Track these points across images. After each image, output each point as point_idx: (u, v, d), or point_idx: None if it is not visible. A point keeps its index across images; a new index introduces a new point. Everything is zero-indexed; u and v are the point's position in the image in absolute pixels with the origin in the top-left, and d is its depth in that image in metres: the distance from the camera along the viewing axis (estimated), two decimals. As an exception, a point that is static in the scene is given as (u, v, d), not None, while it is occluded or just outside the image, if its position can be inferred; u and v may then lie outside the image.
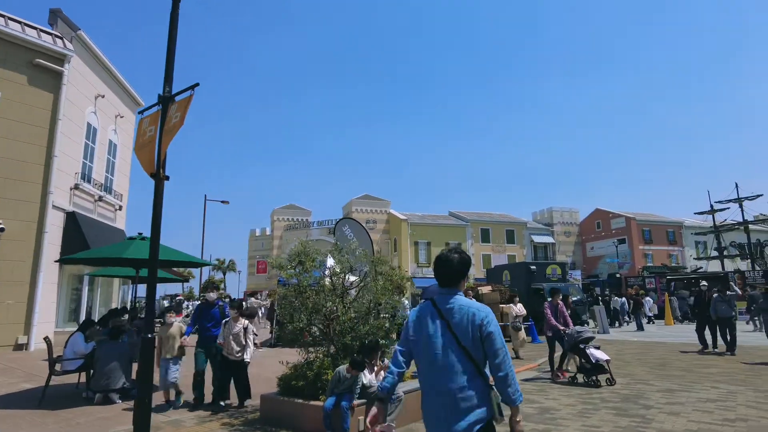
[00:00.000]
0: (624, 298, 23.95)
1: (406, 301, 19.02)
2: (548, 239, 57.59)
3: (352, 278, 7.11)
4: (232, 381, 7.11)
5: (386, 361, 6.21)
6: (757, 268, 35.22)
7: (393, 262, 55.35)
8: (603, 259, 54.16)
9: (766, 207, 36.94)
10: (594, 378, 8.54)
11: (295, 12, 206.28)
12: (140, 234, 8.71)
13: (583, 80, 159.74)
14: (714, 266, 43.56)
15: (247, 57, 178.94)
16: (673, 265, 48.26)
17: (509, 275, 21.88)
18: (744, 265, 41.22)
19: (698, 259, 46.75)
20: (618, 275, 39.04)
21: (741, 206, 36.56)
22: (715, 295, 12.75)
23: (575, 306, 18.28)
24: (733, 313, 12.42)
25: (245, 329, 6.94)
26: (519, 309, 13.41)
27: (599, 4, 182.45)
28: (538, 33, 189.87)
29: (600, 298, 23.00)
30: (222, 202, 37.69)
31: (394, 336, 7.54)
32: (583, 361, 8.72)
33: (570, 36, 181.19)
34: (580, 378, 8.89)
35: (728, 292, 12.78)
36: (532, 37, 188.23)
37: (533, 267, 20.34)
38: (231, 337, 6.86)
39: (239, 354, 6.91)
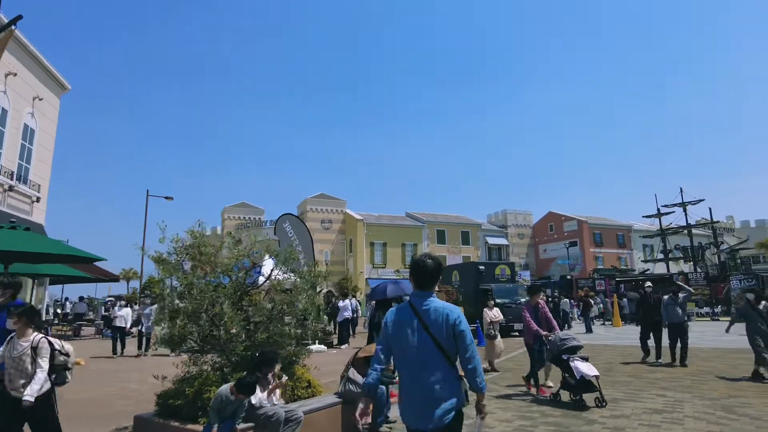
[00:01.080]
0: (569, 300, 23.75)
1: (353, 301, 17.86)
2: (502, 241, 57.96)
3: (262, 278, 6.09)
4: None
5: (285, 378, 5.16)
6: (699, 270, 36.30)
7: (348, 263, 54.29)
8: (555, 261, 54.93)
9: (709, 211, 38.05)
10: (579, 397, 6.88)
11: (262, 12, 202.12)
12: (12, 222, 7.31)
13: (538, 86, 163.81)
14: (660, 269, 44.79)
15: (205, 53, 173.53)
16: (622, 267, 49.38)
17: (458, 275, 21.26)
18: (687, 267, 42.54)
19: (645, 261, 47.99)
20: (569, 277, 39.38)
21: (685, 210, 37.62)
22: (665, 297, 11.30)
23: (518, 306, 17.82)
24: (686, 318, 11.11)
25: (34, 349, 4.04)
26: (495, 314, 11.39)
27: (556, 19, 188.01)
28: (495, 40, 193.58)
29: (549, 299, 22.68)
30: (166, 198, 35.66)
31: (312, 345, 6.59)
32: (566, 375, 7.09)
33: (521, 46, 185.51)
34: (565, 396, 7.27)
35: (680, 294, 11.08)
36: (490, 44, 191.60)
37: (482, 267, 19.75)
38: (10, 361, 4.02)
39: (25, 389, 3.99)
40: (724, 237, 51.86)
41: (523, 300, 18.32)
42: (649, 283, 11.95)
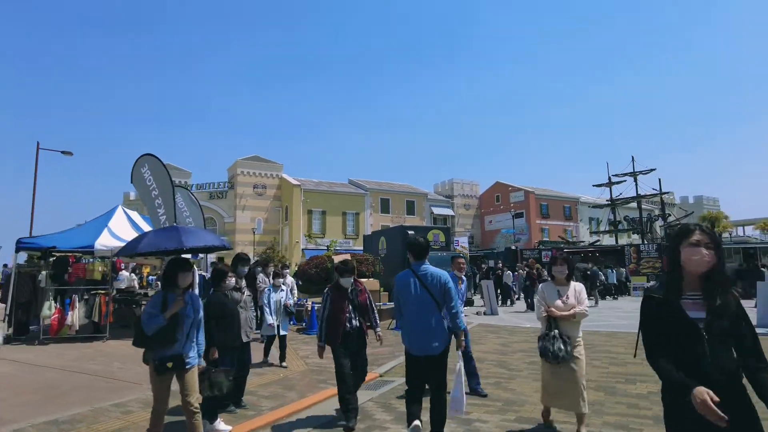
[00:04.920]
0: (513, 273, 20.66)
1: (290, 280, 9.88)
2: (448, 211, 55.43)
3: None
4: None
5: None
6: (645, 242, 34.81)
7: (284, 232, 50.01)
8: (500, 232, 52.98)
9: (661, 182, 36.31)
10: None
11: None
12: None
13: (492, 61, 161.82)
14: (607, 241, 43.42)
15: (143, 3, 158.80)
16: (569, 239, 47.86)
17: (385, 242, 17.82)
18: (634, 239, 41.27)
19: (595, 233, 46.63)
20: (514, 248, 37.07)
21: (635, 180, 35.82)
22: None
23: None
24: None
25: None
26: (567, 301, 4.53)
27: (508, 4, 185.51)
28: (443, 14, 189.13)
29: (492, 271, 19.68)
30: (63, 152, 29.94)
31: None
32: None
33: (471, 21, 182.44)
34: None
35: None
36: (438, 17, 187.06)
37: (411, 232, 16.28)
38: None
39: None
40: (666, 210, 51.40)
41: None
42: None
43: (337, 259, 12.50)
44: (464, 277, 6.39)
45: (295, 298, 10.32)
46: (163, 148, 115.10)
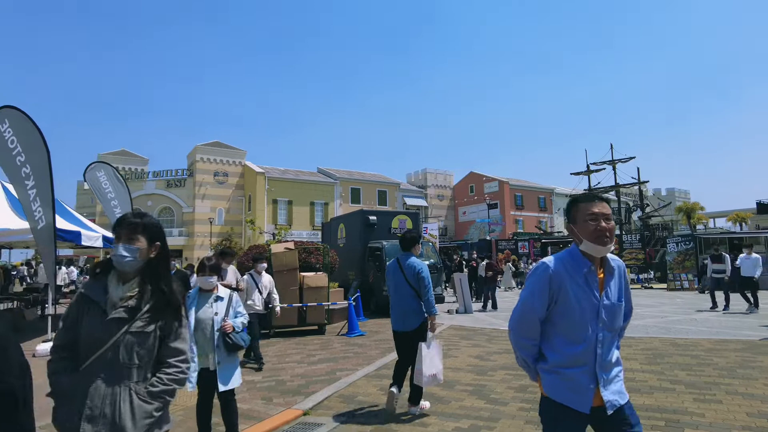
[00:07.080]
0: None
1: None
2: (421, 202, 53.48)
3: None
4: None
5: None
6: (625, 233, 33.50)
7: (246, 223, 47.13)
8: (474, 222, 51.34)
9: (637, 171, 34.98)
10: None
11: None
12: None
13: (473, 54, 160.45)
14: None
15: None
16: (546, 230, 46.47)
17: (345, 230, 15.52)
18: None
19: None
20: (488, 238, 35.32)
21: (614, 168, 34.40)
22: None
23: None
24: None
25: None
26: None
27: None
28: (428, 9, 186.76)
29: (466, 263, 17.61)
30: None
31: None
32: None
33: (452, 17, 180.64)
34: None
35: None
36: (422, 13, 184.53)
37: (373, 218, 13.98)
38: None
39: None
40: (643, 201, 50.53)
41: (427, 263, 12.78)
42: None
43: (279, 247, 10.13)
44: (617, 263, 2.13)
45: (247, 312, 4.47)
46: (120, 134, 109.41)
